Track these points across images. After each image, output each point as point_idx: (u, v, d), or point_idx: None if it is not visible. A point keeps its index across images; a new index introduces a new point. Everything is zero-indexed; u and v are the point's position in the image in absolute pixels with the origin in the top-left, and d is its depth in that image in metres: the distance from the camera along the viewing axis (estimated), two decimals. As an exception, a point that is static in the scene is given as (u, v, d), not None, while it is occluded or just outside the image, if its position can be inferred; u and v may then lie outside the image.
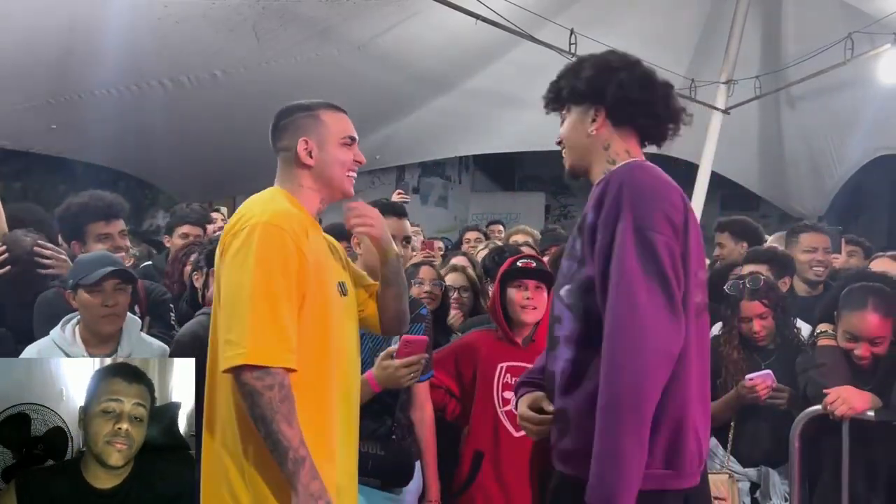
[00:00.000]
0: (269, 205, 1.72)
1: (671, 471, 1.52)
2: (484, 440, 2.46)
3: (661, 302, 1.47)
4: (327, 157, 1.82)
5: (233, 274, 1.62)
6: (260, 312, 1.55)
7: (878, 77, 6.20)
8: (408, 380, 2.12)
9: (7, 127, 6.25)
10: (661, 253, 1.49)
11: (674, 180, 1.69)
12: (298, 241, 1.65)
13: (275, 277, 1.59)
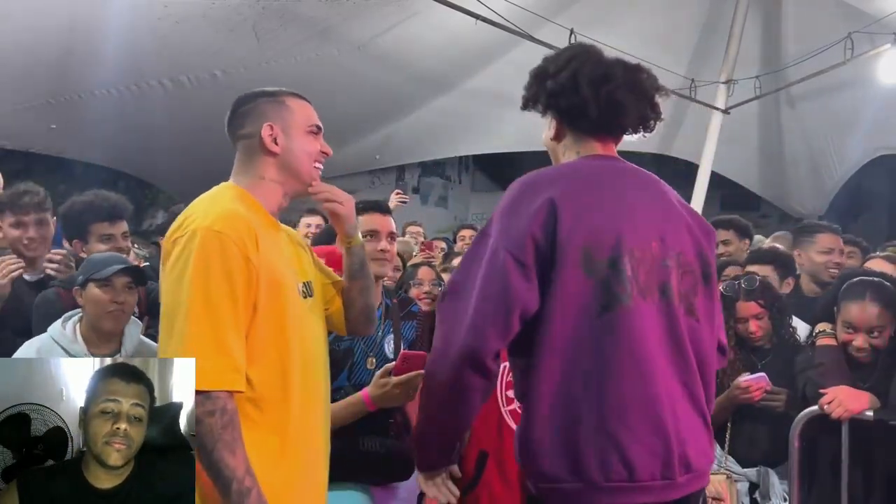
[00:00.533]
0: (213, 206, 1.54)
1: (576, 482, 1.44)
2: (488, 440, 2.45)
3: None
4: (294, 144, 1.66)
5: (170, 287, 1.47)
6: (198, 331, 1.41)
7: (878, 77, 6.20)
8: (406, 397, 2.08)
9: (7, 127, 6.26)
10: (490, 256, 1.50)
11: (673, 179, 1.68)
12: (244, 248, 1.48)
13: (215, 289, 1.44)
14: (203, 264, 1.44)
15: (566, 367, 1.45)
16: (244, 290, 1.47)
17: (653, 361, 1.47)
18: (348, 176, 9.68)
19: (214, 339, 1.42)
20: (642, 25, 6.73)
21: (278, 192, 1.68)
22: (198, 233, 1.47)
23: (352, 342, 2.25)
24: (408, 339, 2.40)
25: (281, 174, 1.67)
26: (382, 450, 2.18)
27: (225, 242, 1.46)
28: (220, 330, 1.42)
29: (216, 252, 1.46)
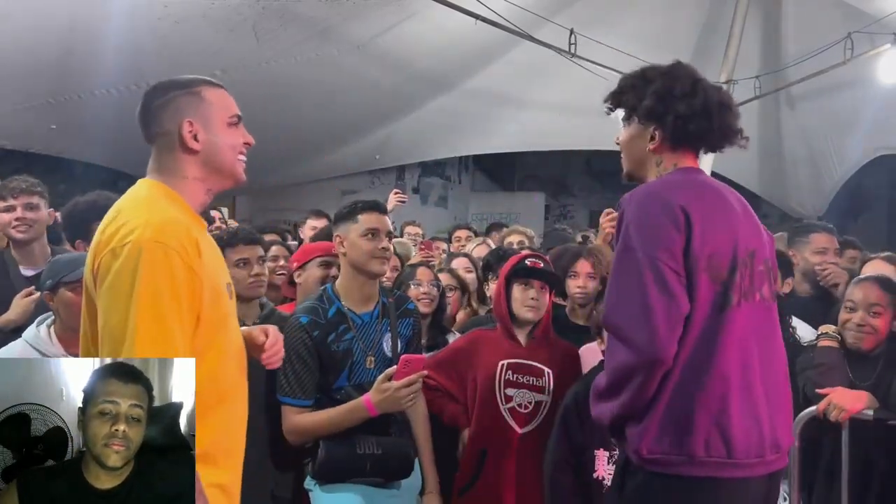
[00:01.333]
0: (152, 213, 1.46)
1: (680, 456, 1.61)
2: (488, 438, 2.46)
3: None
4: (216, 139, 1.58)
5: (113, 303, 1.39)
6: (149, 350, 1.36)
7: (877, 77, 6.21)
8: (408, 400, 2.09)
9: (7, 127, 6.27)
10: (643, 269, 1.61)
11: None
12: (188, 259, 1.43)
13: (163, 310, 1.38)
14: (150, 281, 1.38)
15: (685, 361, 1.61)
16: (189, 302, 1.43)
17: (751, 355, 1.67)
18: (348, 176, 9.69)
19: (164, 356, 1.37)
20: (642, 25, 6.73)
21: (202, 190, 1.61)
22: (141, 247, 1.39)
23: (351, 343, 2.25)
24: (405, 336, 2.40)
25: (203, 171, 1.59)
26: (380, 450, 2.18)
27: (169, 255, 1.40)
28: (170, 350, 1.38)
29: (162, 266, 1.39)
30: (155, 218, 1.44)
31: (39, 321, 2.25)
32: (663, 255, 1.60)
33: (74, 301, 2.14)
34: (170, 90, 1.59)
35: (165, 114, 1.58)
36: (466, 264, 3.53)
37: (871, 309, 2.45)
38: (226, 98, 1.64)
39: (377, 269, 2.29)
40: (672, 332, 1.58)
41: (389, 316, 2.35)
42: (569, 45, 5.79)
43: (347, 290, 2.31)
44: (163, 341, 1.38)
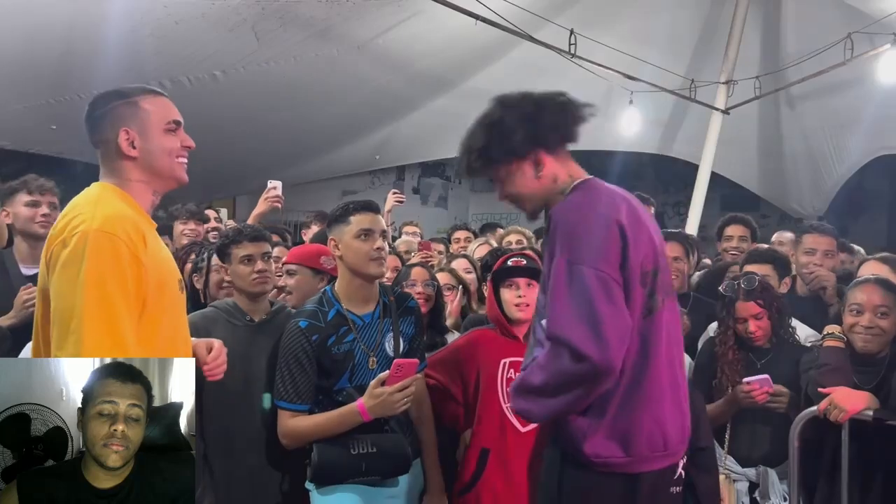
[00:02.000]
0: (99, 207, 1.56)
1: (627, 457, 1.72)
2: (489, 437, 2.45)
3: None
4: (151, 146, 1.68)
5: (62, 289, 1.48)
6: (96, 331, 1.43)
7: (877, 77, 6.20)
8: (402, 405, 2.08)
9: (8, 127, 6.27)
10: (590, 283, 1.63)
11: (673, 180, 1.75)
12: (134, 248, 1.53)
13: (110, 291, 1.47)
14: (96, 266, 1.47)
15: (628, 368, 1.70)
16: (135, 288, 1.52)
17: (673, 351, 1.80)
18: (348, 176, 9.69)
19: (111, 339, 1.45)
20: (642, 25, 6.74)
21: (148, 192, 1.71)
22: (88, 235, 1.49)
23: (352, 345, 2.24)
24: (407, 335, 2.39)
25: (144, 175, 1.69)
26: (375, 449, 2.17)
27: (115, 243, 1.50)
28: (116, 329, 1.46)
29: (108, 253, 1.49)
30: (102, 211, 1.54)
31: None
32: (608, 269, 1.64)
33: None
34: (110, 101, 1.70)
35: (105, 122, 1.68)
36: (466, 265, 3.53)
37: (877, 311, 2.44)
38: (164, 106, 1.73)
39: (374, 272, 2.27)
40: (622, 344, 1.62)
41: (391, 315, 2.34)
42: (569, 46, 5.79)
43: (347, 293, 2.30)
44: (108, 321, 1.45)
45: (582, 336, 1.60)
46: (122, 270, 1.49)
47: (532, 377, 1.72)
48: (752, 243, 3.81)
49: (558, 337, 1.64)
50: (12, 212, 2.94)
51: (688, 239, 3.45)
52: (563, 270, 1.65)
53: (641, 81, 6.56)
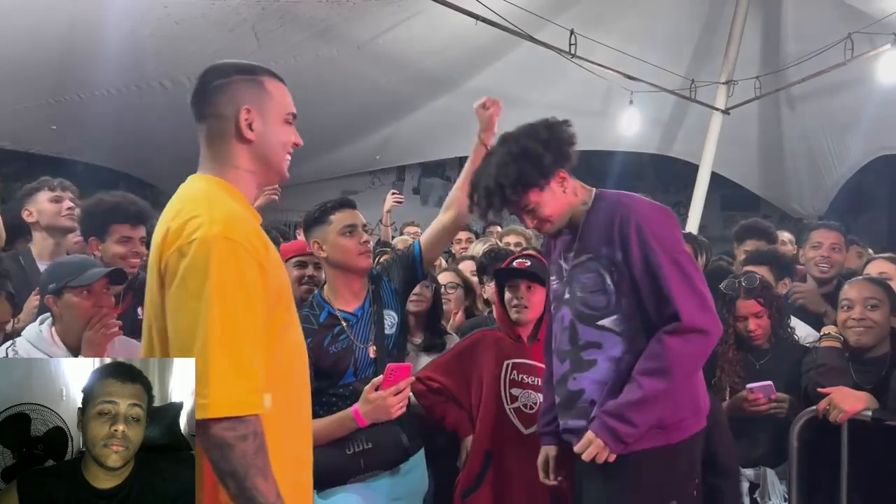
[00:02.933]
0: (215, 207, 1.39)
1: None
2: (493, 439, 2.45)
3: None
4: (269, 133, 1.50)
5: (182, 303, 1.33)
6: (223, 354, 1.30)
7: (877, 77, 6.20)
8: (397, 409, 2.07)
9: (8, 127, 6.27)
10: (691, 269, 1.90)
11: (673, 180, 1.83)
12: (257, 255, 1.37)
13: (236, 307, 1.32)
14: (220, 279, 1.31)
15: None
16: (261, 300, 1.37)
17: None
18: (348, 176, 9.69)
19: (239, 362, 1.32)
20: (642, 25, 6.74)
21: (253, 183, 1.54)
22: (210, 242, 1.33)
23: (348, 341, 2.25)
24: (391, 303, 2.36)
25: (254, 163, 1.52)
26: (370, 444, 2.16)
27: (238, 252, 1.34)
28: (243, 351, 1.32)
29: (232, 264, 1.33)
30: (219, 213, 1.37)
31: (41, 320, 2.23)
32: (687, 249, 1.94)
33: (80, 305, 2.14)
34: (231, 73, 1.52)
35: (223, 97, 1.50)
36: (472, 267, 3.53)
37: (867, 303, 2.46)
38: (286, 94, 1.57)
39: (364, 264, 2.27)
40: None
41: (379, 301, 2.34)
42: (569, 46, 5.79)
43: (335, 292, 2.30)
44: (235, 341, 1.32)
45: (706, 319, 1.85)
46: (246, 283, 1.34)
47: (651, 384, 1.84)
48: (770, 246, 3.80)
49: (695, 327, 1.83)
50: (35, 210, 3.01)
51: (696, 240, 3.46)
52: (671, 267, 1.86)
53: (641, 81, 6.56)
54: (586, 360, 1.96)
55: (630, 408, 1.85)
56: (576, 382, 1.98)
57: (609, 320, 1.94)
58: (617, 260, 1.91)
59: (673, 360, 1.84)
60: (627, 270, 1.90)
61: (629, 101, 7.02)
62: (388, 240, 4.76)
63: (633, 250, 1.88)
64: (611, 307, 1.93)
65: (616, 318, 1.93)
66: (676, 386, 1.86)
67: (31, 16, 4.69)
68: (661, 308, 1.88)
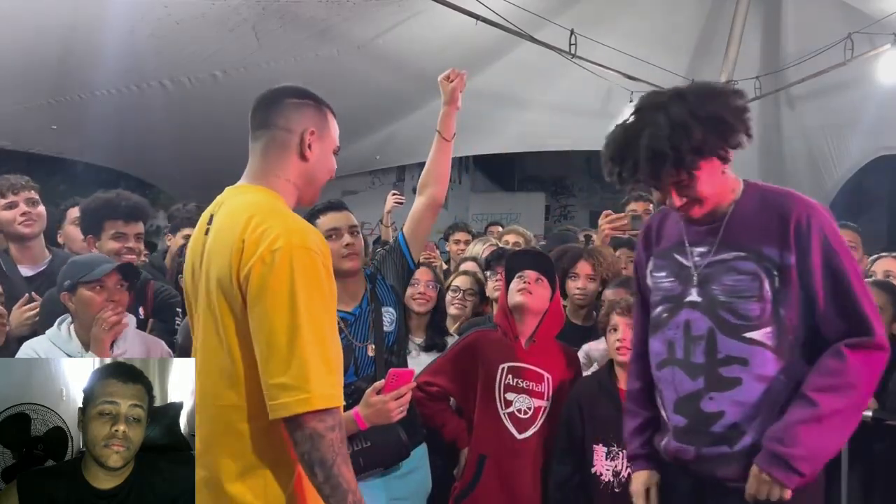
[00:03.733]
0: (287, 219, 1.52)
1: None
2: (487, 443, 2.44)
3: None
4: (323, 158, 1.66)
5: (275, 307, 1.43)
6: (317, 353, 1.42)
7: (877, 77, 6.20)
8: (397, 413, 2.06)
9: (8, 127, 6.27)
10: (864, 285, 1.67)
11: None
12: (327, 263, 1.52)
13: (320, 311, 1.46)
14: (305, 285, 1.44)
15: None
16: (333, 302, 1.52)
17: None
18: (348, 176, 9.68)
19: (327, 359, 1.44)
20: (642, 25, 6.73)
21: (294, 197, 1.66)
22: (294, 253, 1.45)
23: (347, 341, 2.25)
24: (388, 297, 2.37)
25: (302, 181, 1.65)
26: (368, 443, 2.17)
27: (315, 260, 1.47)
28: (329, 349, 1.46)
29: (313, 271, 1.46)
30: (296, 225, 1.50)
31: (61, 319, 2.29)
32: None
33: (92, 300, 2.21)
34: (305, 97, 1.67)
35: (295, 113, 1.63)
36: (475, 268, 3.52)
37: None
38: (337, 129, 1.72)
39: (347, 267, 2.27)
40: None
41: (376, 300, 2.34)
42: (569, 46, 5.79)
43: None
44: (321, 339, 1.44)
45: (886, 334, 1.64)
46: (323, 288, 1.48)
47: (829, 401, 1.60)
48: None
49: (884, 345, 1.62)
50: None
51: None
52: (857, 279, 1.65)
53: (641, 81, 6.56)
54: (727, 377, 1.68)
55: (801, 428, 1.58)
56: (713, 403, 1.68)
57: (760, 332, 1.66)
58: (785, 264, 1.65)
59: (858, 377, 1.59)
60: (800, 278, 1.64)
61: (629, 100, 7.01)
62: (388, 239, 4.76)
63: (813, 255, 1.62)
64: (765, 318, 1.66)
65: (770, 331, 1.66)
66: (858, 408, 1.62)
67: (31, 16, 4.68)
68: (840, 324, 1.63)
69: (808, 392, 1.59)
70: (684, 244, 1.77)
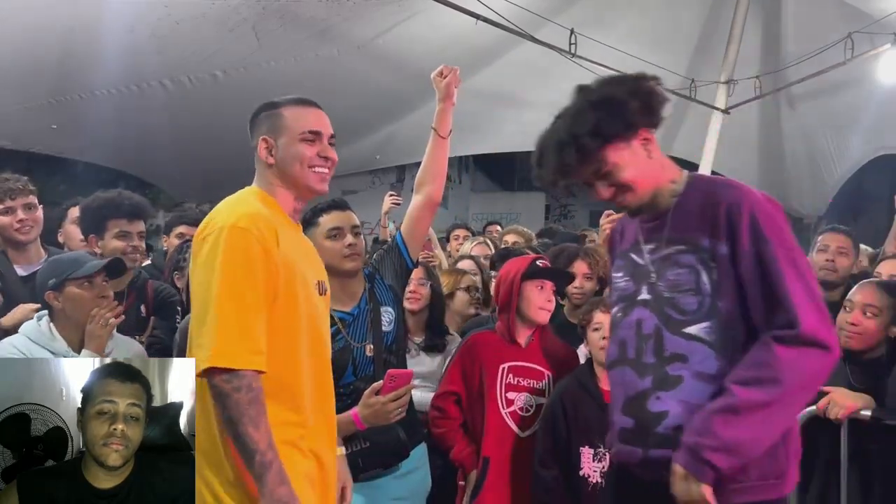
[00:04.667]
0: (237, 207, 1.70)
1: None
2: (490, 444, 2.44)
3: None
4: (285, 154, 1.76)
5: (200, 278, 1.61)
6: (225, 315, 1.55)
7: (877, 77, 6.21)
8: (395, 415, 2.07)
9: (8, 127, 6.27)
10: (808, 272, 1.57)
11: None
12: (266, 243, 1.62)
13: (240, 280, 1.58)
14: (229, 257, 1.58)
15: None
16: (265, 280, 1.61)
17: None
18: (349, 176, 9.68)
19: (239, 323, 1.55)
20: (642, 25, 6.73)
21: (290, 197, 1.80)
22: (224, 230, 1.60)
23: (345, 341, 2.25)
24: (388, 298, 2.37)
25: (283, 182, 1.78)
26: (367, 443, 2.16)
27: (248, 238, 1.60)
28: (245, 316, 1.56)
29: (240, 246, 1.59)
30: (239, 209, 1.67)
31: (38, 316, 2.26)
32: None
33: (82, 297, 2.20)
34: (261, 110, 1.82)
35: (254, 131, 1.81)
36: (472, 266, 3.52)
37: (866, 310, 2.45)
38: (306, 115, 1.80)
39: (348, 267, 2.26)
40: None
41: (375, 299, 2.34)
42: (569, 45, 5.79)
43: (332, 293, 2.30)
44: (238, 307, 1.56)
45: (829, 334, 1.51)
46: (252, 262, 1.59)
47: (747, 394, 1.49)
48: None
49: (817, 339, 1.48)
50: None
51: None
52: (788, 265, 1.53)
53: (642, 81, 6.56)
54: (672, 375, 1.60)
55: (715, 419, 1.49)
56: (659, 403, 1.60)
57: (698, 327, 1.59)
58: (720, 254, 1.58)
59: (783, 372, 1.47)
60: (734, 268, 1.57)
61: (629, 100, 7.01)
62: (387, 239, 4.76)
63: (743, 242, 1.55)
64: (702, 311, 1.59)
65: (708, 326, 1.58)
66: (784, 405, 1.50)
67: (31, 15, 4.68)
68: (771, 314, 1.53)
69: (728, 383, 1.51)
70: (639, 243, 1.73)
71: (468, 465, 2.47)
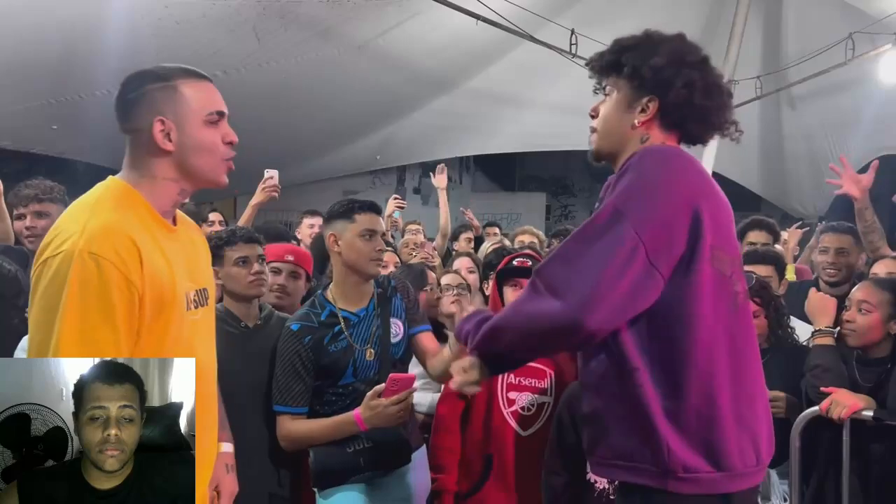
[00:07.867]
0: (92, 218, 1.35)
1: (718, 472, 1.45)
2: (491, 443, 2.45)
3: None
4: (190, 141, 1.45)
5: (40, 316, 1.31)
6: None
7: (878, 77, 6.21)
8: (398, 418, 2.07)
9: (8, 127, 6.27)
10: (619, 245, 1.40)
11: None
12: (126, 270, 1.32)
13: (94, 325, 1.30)
14: (78, 295, 1.28)
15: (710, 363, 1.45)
16: (125, 317, 1.33)
17: (756, 355, 1.58)
18: (349, 176, 9.69)
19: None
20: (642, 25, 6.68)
21: (173, 190, 1.48)
22: (73, 258, 1.28)
23: (349, 340, 2.25)
24: (400, 311, 2.37)
25: (176, 172, 1.47)
26: (370, 443, 2.17)
27: (103, 267, 1.30)
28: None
29: (93, 280, 1.29)
30: (91, 225, 1.33)
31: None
32: (651, 245, 1.39)
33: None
34: (145, 82, 1.48)
35: (139, 109, 1.47)
36: (469, 265, 3.52)
37: (860, 306, 2.46)
38: (206, 92, 1.51)
39: (374, 271, 2.28)
40: (608, 316, 1.39)
41: (383, 305, 2.34)
42: (569, 46, 5.79)
43: (342, 290, 2.30)
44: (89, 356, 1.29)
45: (571, 284, 1.39)
46: (108, 299, 1.30)
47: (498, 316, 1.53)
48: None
49: (553, 287, 1.42)
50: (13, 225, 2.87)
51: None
52: (605, 216, 1.43)
53: (642, 81, 6.56)
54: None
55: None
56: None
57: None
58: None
59: (515, 304, 1.51)
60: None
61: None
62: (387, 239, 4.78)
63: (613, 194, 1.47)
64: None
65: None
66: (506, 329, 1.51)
67: (31, 16, 4.69)
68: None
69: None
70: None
71: (445, 496, 2.43)
